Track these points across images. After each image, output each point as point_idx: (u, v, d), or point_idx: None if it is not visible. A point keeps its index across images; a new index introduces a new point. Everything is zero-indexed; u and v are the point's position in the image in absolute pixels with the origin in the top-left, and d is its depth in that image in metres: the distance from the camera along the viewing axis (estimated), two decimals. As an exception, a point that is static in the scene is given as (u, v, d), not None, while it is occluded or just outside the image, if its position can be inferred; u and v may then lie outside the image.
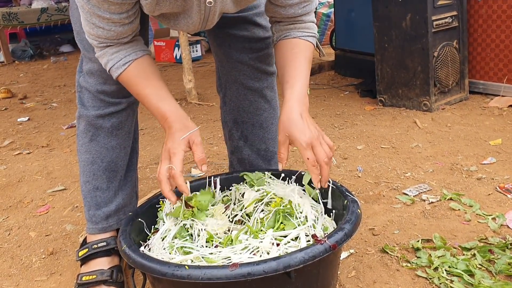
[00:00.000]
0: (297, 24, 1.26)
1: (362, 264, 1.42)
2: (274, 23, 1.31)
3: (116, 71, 1.18)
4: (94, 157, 1.41)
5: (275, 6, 1.23)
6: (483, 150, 2.18)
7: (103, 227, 1.44)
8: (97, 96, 1.36)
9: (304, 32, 1.26)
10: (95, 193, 1.42)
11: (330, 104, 3.16)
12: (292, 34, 1.26)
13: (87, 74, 1.36)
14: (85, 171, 1.43)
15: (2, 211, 1.97)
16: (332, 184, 1.22)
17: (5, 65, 5.68)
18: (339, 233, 0.98)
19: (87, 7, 1.08)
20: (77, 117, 1.43)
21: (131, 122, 1.45)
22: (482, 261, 1.35)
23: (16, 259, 1.61)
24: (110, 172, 1.42)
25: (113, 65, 1.17)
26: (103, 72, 1.30)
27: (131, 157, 1.50)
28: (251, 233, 1.06)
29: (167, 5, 1.10)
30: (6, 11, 5.65)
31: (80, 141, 1.43)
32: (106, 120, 1.38)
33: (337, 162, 2.19)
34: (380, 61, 2.99)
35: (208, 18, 1.18)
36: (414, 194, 1.81)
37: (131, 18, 1.13)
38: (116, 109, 1.38)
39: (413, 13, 2.74)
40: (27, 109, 3.64)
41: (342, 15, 3.91)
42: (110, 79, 1.30)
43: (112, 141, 1.41)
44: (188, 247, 1.05)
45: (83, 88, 1.39)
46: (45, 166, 2.43)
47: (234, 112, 1.58)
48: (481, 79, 3.01)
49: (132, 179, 1.50)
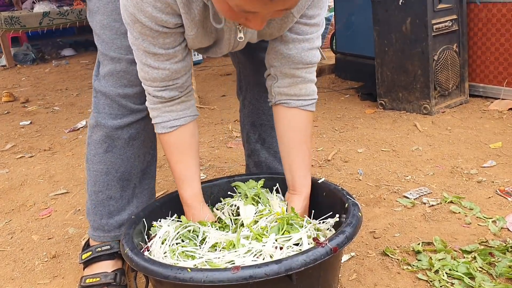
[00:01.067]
0: (298, 87, 1.24)
1: (363, 267, 1.43)
2: (272, 79, 1.27)
3: (161, 129, 1.22)
4: (108, 167, 1.38)
5: (279, 43, 1.20)
6: (483, 153, 2.18)
7: (115, 235, 1.43)
8: (117, 101, 1.32)
9: (304, 101, 1.25)
10: (108, 202, 1.41)
11: (331, 108, 3.17)
12: (292, 103, 1.25)
13: (106, 77, 1.31)
14: (97, 181, 1.40)
15: (5, 215, 1.98)
16: (333, 187, 1.23)
17: (7, 69, 5.71)
18: (340, 236, 0.99)
19: (142, 45, 1.09)
20: (92, 125, 1.38)
21: (148, 131, 1.41)
22: (483, 264, 1.36)
23: (18, 262, 1.62)
24: (124, 181, 1.41)
25: (160, 122, 1.21)
26: (127, 73, 1.28)
27: (150, 165, 1.48)
28: (253, 237, 1.07)
29: (206, 40, 1.14)
30: (8, 15, 5.67)
31: (93, 150, 1.39)
32: (124, 131, 1.35)
33: (338, 165, 2.20)
34: (380, 64, 3.00)
35: (236, 47, 1.22)
36: (415, 197, 1.82)
37: (184, 52, 1.15)
38: (136, 118, 1.35)
39: (413, 17, 2.76)
40: (29, 112, 3.65)
41: (343, 18, 3.93)
42: (135, 80, 1.27)
43: (128, 152, 1.39)
44: (190, 251, 1.06)
45: (99, 93, 1.34)
46: (47, 169, 2.44)
47: (253, 114, 1.60)
48: (481, 82, 3.02)
49: (149, 187, 1.49)
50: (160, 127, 1.21)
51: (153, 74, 1.14)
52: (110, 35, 1.28)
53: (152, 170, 1.51)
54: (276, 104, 1.28)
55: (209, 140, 2.72)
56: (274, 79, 1.26)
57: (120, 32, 1.26)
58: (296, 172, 1.27)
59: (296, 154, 1.26)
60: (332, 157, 2.31)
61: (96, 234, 1.44)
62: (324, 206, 1.25)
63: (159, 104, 1.20)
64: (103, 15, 1.27)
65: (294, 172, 1.27)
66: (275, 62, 1.24)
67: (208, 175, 2.20)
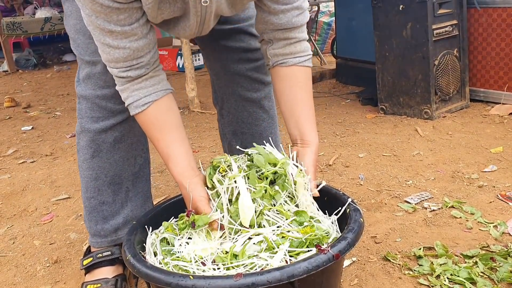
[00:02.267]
0: (292, 45, 1.25)
1: (365, 272, 1.43)
2: (267, 44, 1.28)
3: (134, 109, 1.17)
4: (97, 173, 1.39)
5: (267, 14, 1.21)
6: (484, 158, 2.19)
7: (112, 239, 1.43)
8: (97, 103, 1.32)
9: (301, 58, 1.26)
10: (101, 208, 1.41)
11: (332, 112, 3.18)
12: (290, 61, 1.25)
13: (85, 80, 1.32)
14: (88, 188, 1.41)
15: (7, 220, 1.99)
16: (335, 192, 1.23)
17: (9, 74, 5.72)
18: (342, 242, 0.99)
19: (97, 23, 1.06)
20: (78, 132, 1.39)
21: (134, 133, 1.41)
22: (484, 269, 1.36)
23: (20, 268, 1.62)
24: (115, 185, 1.41)
25: (132, 103, 1.16)
26: (102, 74, 1.28)
27: (143, 168, 1.48)
28: (267, 247, 1.01)
29: (168, 7, 1.10)
30: (10, 21, 5.70)
31: (81, 157, 1.39)
32: (108, 134, 1.35)
33: (339, 170, 2.20)
34: (381, 69, 3.01)
35: (204, 20, 1.17)
36: (416, 202, 1.82)
37: (143, 30, 1.10)
38: (118, 120, 1.34)
39: (413, 22, 2.77)
40: (31, 118, 3.66)
41: (343, 24, 3.94)
42: (110, 80, 1.25)
43: (115, 155, 1.39)
44: (183, 266, 1.02)
45: (80, 98, 1.35)
46: (49, 174, 2.44)
47: (232, 124, 1.58)
48: (481, 87, 3.03)
49: (143, 190, 1.49)
50: (133, 107, 1.17)
51: (114, 54, 1.10)
52: (84, 40, 1.28)
53: (146, 173, 1.51)
54: (274, 66, 1.28)
55: (210, 145, 2.72)
56: (269, 43, 1.27)
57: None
58: (304, 125, 1.23)
59: (302, 108, 1.25)
60: (333, 161, 2.31)
61: (94, 240, 1.45)
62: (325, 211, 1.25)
63: (127, 84, 1.15)
64: (76, 19, 1.27)
65: (302, 126, 1.23)
66: (267, 30, 1.25)
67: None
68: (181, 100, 3.71)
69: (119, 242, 1.44)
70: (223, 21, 1.39)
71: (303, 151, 1.21)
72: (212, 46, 1.48)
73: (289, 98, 1.26)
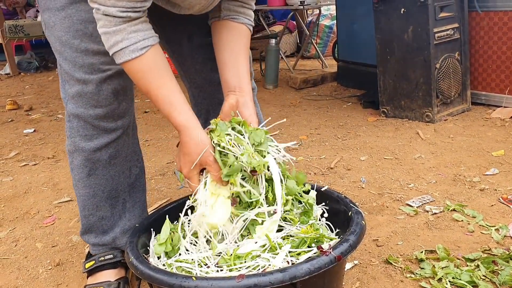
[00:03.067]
0: (245, 8, 1.31)
1: (366, 275, 1.43)
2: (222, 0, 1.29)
3: (129, 54, 1.06)
4: (94, 190, 1.37)
5: None
6: (486, 161, 2.19)
7: (112, 247, 1.45)
8: (90, 122, 1.28)
9: (250, 20, 1.32)
10: (100, 223, 1.41)
11: (333, 115, 3.18)
12: (241, 19, 1.30)
13: (75, 98, 1.26)
14: (86, 205, 1.39)
15: (9, 222, 1.99)
16: (336, 195, 1.23)
17: (11, 77, 5.73)
18: (344, 245, 1.00)
19: None
20: (71, 151, 1.34)
21: (128, 146, 1.39)
22: (486, 272, 1.36)
23: (23, 270, 1.62)
24: (112, 199, 1.40)
25: (128, 46, 1.06)
26: (94, 94, 1.24)
27: (139, 178, 1.48)
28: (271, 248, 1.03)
29: None
30: (13, 24, 5.71)
31: (77, 176, 1.36)
32: (103, 152, 1.32)
33: (341, 173, 2.20)
34: (382, 72, 3.02)
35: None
36: (418, 205, 1.82)
37: None
38: (112, 138, 1.32)
39: (415, 25, 2.77)
40: (33, 120, 3.67)
41: (345, 27, 3.95)
42: (103, 101, 1.25)
43: (111, 171, 1.36)
44: (186, 267, 1.04)
45: (71, 116, 1.30)
46: (51, 177, 2.45)
47: None
48: (483, 90, 3.03)
49: (141, 200, 1.48)
50: (129, 51, 1.06)
51: None
52: (71, 53, 1.23)
53: (142, 183, 1.50)
54: (223, 19, 1.30)
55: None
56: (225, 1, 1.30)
57: (80, 50, 1.21)
58: (243, 75, 1.26)
59: (243, 60, 1.28)
60: (335, 165, 2.31)
61: (94, 248, 1.45)
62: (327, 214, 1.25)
63: (123, 25, 1.05)
64: (61, 31, 1.22)
65: (242, 76, 1.26)
66: None
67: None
68: (183, 103, 3.72)
69: (118, 249, 1.45)
70: (206, 33, 1.38)
71: (243, 100, 1.24)
72: (194, 59, 1.45)
73: (234, 49, 1.28)
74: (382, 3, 2.89)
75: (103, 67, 1.23)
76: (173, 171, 2.41)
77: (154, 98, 1.11)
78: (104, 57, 1.22)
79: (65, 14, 1.20)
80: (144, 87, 1.11)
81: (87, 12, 1.18)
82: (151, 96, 1.12)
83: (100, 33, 1.07)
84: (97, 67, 1.23)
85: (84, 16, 1.20)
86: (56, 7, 1.21)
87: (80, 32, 1.21)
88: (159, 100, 1.11)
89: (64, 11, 1.20)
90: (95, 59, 1.22)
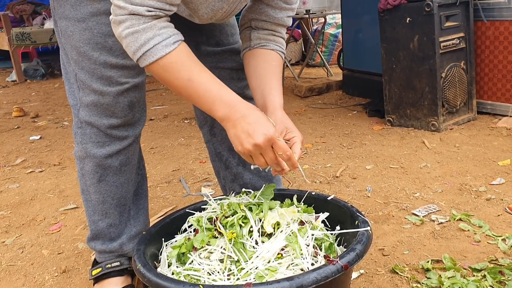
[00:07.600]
0: (276, 36, 1.33)
1: (372, 285, 1.43)
2: (251, 29, 1.33)
3: (163, 49, 1.04)
4: (104, 196, 1.38)
5: (265, 6, 1.28)
6: (492, 171, 2.18)
7: (119, 254, 1.45)
8: (103, 131, 1.30)
9: (280, 47, 1.34)
10: (108, 230, 1.42)
11: (339, 124, 3.19)
12: (271, 46, 1.32)
13: (90, 106, 1.28)
14: (96, 211, 1.40)
15: (15, 229, 2.00)
16: (343, 205, 1.24)
17: (17, 84, 5.77)
18: (351, 254, 1.00)
19: None
20: (81, 158, 1.35)
21: (136, 154, 1.42)
22: (493, 282, 1.36)
23: (29, 277, 1.63)
24: (121, 207, 1.41)
25: (161, 41, 1.03)
26: (111, 106, 1.26)
27: (141, 185, 1.49)
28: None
29: None
30: (19, 31, 5.76)
31: (88, 181, 1.37)
32: (114, 159, 1.34)
33: (346, 182, 2.20)
34: (388, 81, 3.02)
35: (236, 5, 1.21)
36: (424, 215, 1.82)
37: None
38: (123, 145, 1.34)
39: (420, 34, 2.78)
40: (39, 127, 3.69)
41: (350, 35, 3.96)
42: (119, 111, 1.27)
43: (121, 178, 1.38)
44: (194, 275, 1.04)
45: (84, 123, 1.31)
46: (57, 184, 2.46)
47: (227, 140, 1.55)
48: (489, 99, 3.03)
49: (144, 206, 1.50)
50: (162, 46, 1.03)
51: None
52: (89, 64, 1.23)
53: (144, 189, 1.51)
54: (253, 48, 1.32)
55: (218, 155, 2.73)
56: (254, 30, 1.33)
57: (99, 62, 1.22)
58: (278, 95, 1.26)
59: (277, 81, 1.28)
60: (341, 173, 2.31)
61: (101, 255, 1.46)
62: (333, 223, 1.25)
63: (153, 21, 1.03)
64: (80, 42, 1.22)
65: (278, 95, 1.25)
66: (258, 19, 1.32)
67: (216, 191, 2.21)
68: (188, 111, 3.74)
69: (125, 256, 1.45)
70: (214, 43, 1.40)
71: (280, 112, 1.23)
72: None
73: (269, 70, 1.29)
74: (388, 12, 2.91)
75: (121, 80, 1.25)
76: (178, 178, 2.42)
77: (198, 83, 1.07)
78: (122, 71, 1.24)
79: (85, 26, 1.21)
80: (184, 78, 1.07)
81: (108, 25, 1.18)
82: (194, 83, 1.07)
83: (125, 35, 1.03)
84: (115, 80, 1.24)
85: (105, 29, 1.20)
86: (76, 17, 1.21)
87: (100, 46, 1.21)
88: (205, 83, 1.07)
89: (85, 23, 1.21)
90: (113, 72, 1.23)
